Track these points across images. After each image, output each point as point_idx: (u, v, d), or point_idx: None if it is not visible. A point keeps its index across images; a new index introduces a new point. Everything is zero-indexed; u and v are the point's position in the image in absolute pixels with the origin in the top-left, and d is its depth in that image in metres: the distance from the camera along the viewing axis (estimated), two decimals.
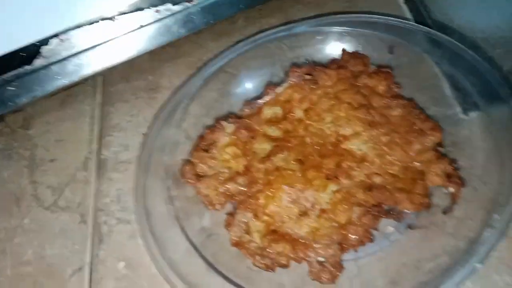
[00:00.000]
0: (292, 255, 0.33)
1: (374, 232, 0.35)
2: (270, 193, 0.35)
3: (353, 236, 0.33)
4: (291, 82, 0.41)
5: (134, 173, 0.42)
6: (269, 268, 0.33)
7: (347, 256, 0.35)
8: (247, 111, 0.41)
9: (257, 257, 0.34)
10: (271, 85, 0.42)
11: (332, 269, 0.32)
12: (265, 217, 0.35)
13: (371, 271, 0.34)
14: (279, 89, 0.41)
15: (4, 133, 0.48)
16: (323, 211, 0.35)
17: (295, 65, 0.43)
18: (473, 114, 0.40)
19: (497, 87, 0.37)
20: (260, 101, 0.42)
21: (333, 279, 0.32)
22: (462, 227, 0.34)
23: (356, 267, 0.35)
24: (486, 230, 0.31)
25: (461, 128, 0.40)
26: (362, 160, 0.36)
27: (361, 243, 0.33)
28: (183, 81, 0.47)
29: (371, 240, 0.33)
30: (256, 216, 0.35)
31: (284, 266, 0.33)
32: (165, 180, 0.38)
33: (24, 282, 0.38)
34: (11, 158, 0.46)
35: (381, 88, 0.40)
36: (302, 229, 0.34)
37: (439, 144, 0.37)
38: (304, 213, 0.35)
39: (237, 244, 0.34)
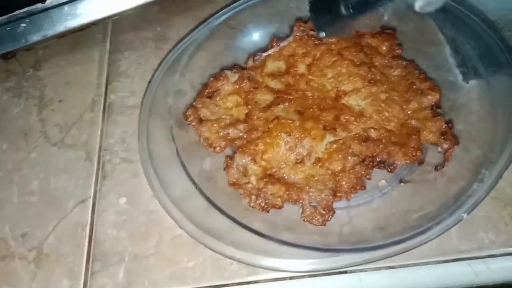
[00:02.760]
0: (286, 197, 0.35)
1: (367, 184, 0.36)
2: (268, 140, 0.37)
3: (346, 184, 0.34)
4: (295, 36, 0.42)
5: (138, 116, 0.43)
6: (263, 208, 0.35)
7: (340, 204, 0.36)
8: (251, 63, 0.42)
9: (253, 197, 0.35)
10: (276, 38, 0.43)
11: (323, 212, 0.34)
12: (263, 162, 0.36)
13: (361, 220, 0.35)
14: (283, 43, 0.42)
15: (15, 73, 0.49)
16: (318, 159, 0.36)
17: (301, 20, 0.43)
18: (473, 82, 0.40)
19: (497, 54, 0.38)
20: (264, 54, 0.42)
21: (324, 222, 0.34)
22: (452, 184, 0.35)
23: (348, 215, 0.36)
24: (475, 184, 0.32)
25: (460, 94, 0.41)
26: (360, 115, 0.37)
27: (353, 190, 0.35)
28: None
29: (363, 188, 0.35)
30: (254, 160, 0.36)
31: (278, 207, 0.35)
32: (168, 122, 0.39)
33: (28, 210, 0.40)
34: (21, 96, 0.47)
35: (383, 48, 0.41)
36: (297, 175, 0.36)
37: (437, 105, 0.38)
38: (300, 160, 0.36)
39: (234, 184, 0.36)
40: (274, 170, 0.36)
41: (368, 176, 0.35)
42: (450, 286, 0.34)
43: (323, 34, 0.37)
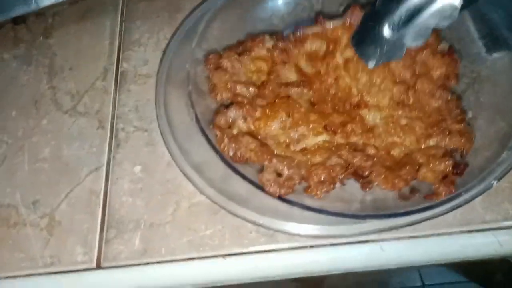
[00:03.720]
0: (258, 152, 0.33)
1: None
2: (268, 111, 0.36)
3: (317, 176, 0.33)
4: (346, 21, 0.39)
5: (153, 86, 0.42)
6: (235, 159, 0.34)
7: None
8: (291, 35, 0.40)
9: (226, 140, 0.34)
10: (322, 16, 0.41)
11: (282, 183, 0.32)
12: (252, 126, 0.36)
13: (383, 189, 0.35)
14: (330, 24, 0.40)
15: (25, 41, 0.48)
16: (304, 149, 0.35)
17: (357, 4, 0.40)
18: (497, 54, 0.40)
19: None
20: (308, 29, 0.40)
21: (274, 193, 0.32)
22: (478, 154, 0.34)
23: None
24: (504, 152, 0.32)
25: (484, 66, 0.40)
26: (369, 130, 0.36)
27: (321, 185, 0.33)
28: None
29: (332, 187, 0.33)
30: (245, 119, 0.36)
31: (246, 160, 0.34)
32: (187, 89, 0.37)
33: (40, 177, 0.39)
34: (30, 64, 0.46)
35: (437, 73, 0.37)
36: (277, 151, 0.35)
37: (461, 154, 0.35)
38: (287, 143, 0.35)
39: (217, 126, 0.35)
40: (259, 137, 0.35)
41: (342, 181, 0.34)
42: (473, 256, 0.34)
43: (372, 63, 0.34)
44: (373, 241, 0.33)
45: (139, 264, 0.34)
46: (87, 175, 0.39)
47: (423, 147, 0.35)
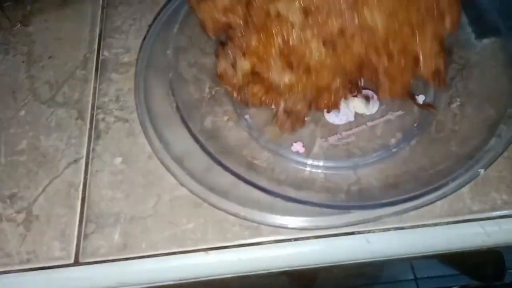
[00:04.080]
0: (264, 99, 0.34)
1: (376, 143, 0.35)
2: (263, 38, 0.34)
3: (324, 102, 0.34)
4: None
5: (135, 71, 0.40)
6: (243, 101, 0.35)
7: (345, 164, 0.35)
8: None
9: (235, 92, 0.35)
10: None
11: (295, 121, 0.34)
12: (253, 59, 0.34)
13: (369, 179, 0.34)
14: None
15: (2, 28, 0.46)
16: (307, 70, 0.34)
17: None
18: (486, 40, 0.39)
19: None
20: None
21: (292, 130, 0.35)
22: (466, 142, 0.34)
23: (355, 175, 0.34)
24: (492, 139, 0.31)
25: (473, 52, 0.39)
26: (368, 29, 0.33)
27: (328, 109, 0.35)
28: None
29: (338, 109, 0.35)
30: (244, 55, 0.34)
31: (256, 105, 0.35)
32: (167, 76, 0.36)
33: (17, 170, 0.38)
34: (8, 53, 0.44)
35: None
36: (282, 80, 0.34)
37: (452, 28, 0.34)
38: (289, 67, 0.34)
39: (221, 77, 0.35)
40: (262, 69, 0.34)
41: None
42: (461, 247, 0.33)
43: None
44: (359, 233, 0.33)
45: (118, 260, 0.33)
46: (65, 168, 0.37)
47: (418, 38, 0.34)
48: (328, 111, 0.34)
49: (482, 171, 0.30)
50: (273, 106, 0.35)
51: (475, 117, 0.35)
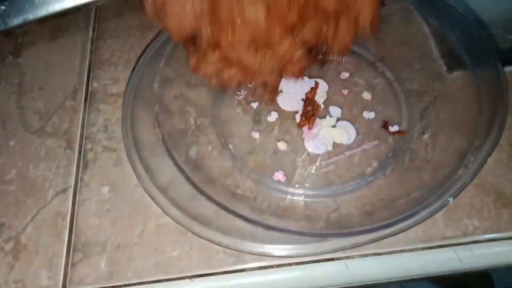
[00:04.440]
0: (241, 78, 0.36)
1: (354, 172, 0.37)
2: (231, 36, 0.35)
3: (291, 71, 0.36)
4: None
5: (122, 102, 0.42)
6: (221, 86, 0.37)
7: (326, 192, 0.36)
8: None
9: (212, 79, 0.37)
10: None
11: (270, 92, 0.39)
12: (221, 49, 0.35)
13: (348, 206, 0.35)
14: None
15: None
16: (267, 44, 0.35)
17: None
18: (457, 72, 0.41)
19: (482, 44, 0.39)
20: None
21: (272, 99, 0.40)
22: (437, 171, 0.35)
23: (334, 203, 0.36)
24: (460, 169, 0.33)
25: (445, 84, 0.41)
26: None
27: (294, 75, 0.37)
28: None
29: (302, 77, 0.41)
30: (212, 47, 0.35)
31: (233, 86, 0.37)
32: (154, 109, 0.38)
33: (6, 199, 0.38)
34: None
35: None
36: (250, 59, 0.35)
37: None
38: (252, 45, 0.35)
39: (196, 69, 0.36)
40: (233, 55, 0.35)
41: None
42: (435, 272, 0.35)
43: None
44: (338, 259, 0.34)
45: None
46: (54, 197, 0.38)
47: None
48: (296, 77, 0.38)
49: (451, 199, 0.31)
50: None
51: (446, 146, 0.36)
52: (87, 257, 0.35)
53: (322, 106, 0.41)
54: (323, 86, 0.42)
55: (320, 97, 0.41)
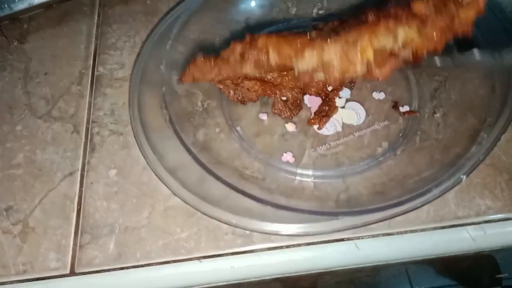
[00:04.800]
0: (260, 91, 0.37)
1: (363, 152, 0.36)
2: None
3: (313, 89, 0.38)
4: None
5: (129, 85, 0.41)
6: (240, 101, 0.38)
7: (334, 172, 0.36)
8: None
9: (231, 92, 0.38)
10: None
11: (291, 107, 0.38)
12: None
13: (358, 187, 0.35)
14: None
15: None
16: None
17: None
18: (468, 52, 0.40)
19: (493, 23, 0.38)
20: None
21: (291, 115, 0.38)
22: (449, 150, 0.35)
23: (344, 184, 0.35)
24: (473, 147, 0.32)
25: (455, 64, 0.40)
26: None
27: (318, 94, 0.39)
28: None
29: (328, 95, 0.39)
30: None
31: (253, 100, 0.38)
32: (161, 90, 0.37)
33: (14, 183, 0.38)
34: (5, 69, 0.45)
35: None
36: (272, 75, 0.37)
37: None
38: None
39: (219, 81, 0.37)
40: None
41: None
42: (447, 252, 0.34)
43: None
44: (348, 239, 0.34)
45: (113, 269, 0.34)
46: (61, 180, 0.38)
47: None
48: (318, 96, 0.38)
49: (464, 177, 0.31)
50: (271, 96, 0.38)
51: (457, 126, 0.36)
52: (95, 239, 0.35)
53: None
54: None
55: None
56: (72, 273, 0.34)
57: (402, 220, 0.33)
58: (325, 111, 0.38)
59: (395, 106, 0.38)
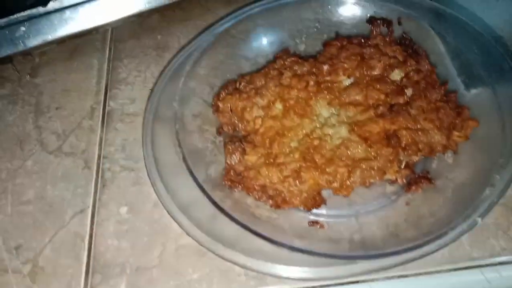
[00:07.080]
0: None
1: (375, 191, 0.36)
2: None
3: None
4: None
5: (140, 124, 0.42)
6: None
7: (347, 212, 0.36)
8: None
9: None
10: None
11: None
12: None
13: (371, 227, 0.35)
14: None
15: (11, 80, 0.48)
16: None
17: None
18: (475, 90, 0.41)
19: (500, 61, 0.38)
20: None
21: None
22: (461, 191, 0.35)
23: (357, 223, 0.35)
24: (486, 189, 0.32)
25: (463, 102, 0.41)
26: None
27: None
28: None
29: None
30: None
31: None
32: (174, 127, 0.38)
33: (24, 220, 0.38)
34: (16, 103, 0.46)
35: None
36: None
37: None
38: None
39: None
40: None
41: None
42: None
43: None
44: (363, 281, 0.33)
45: None
46: (72, 218, 0.38)
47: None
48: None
49: (479, 220, 0.31)
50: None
51: (469, 166, 0.36)
52: (106, 279, 0.34)
53: None
54: None
55: None
56: None
57: (417, 261, 0.33)
58: None
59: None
